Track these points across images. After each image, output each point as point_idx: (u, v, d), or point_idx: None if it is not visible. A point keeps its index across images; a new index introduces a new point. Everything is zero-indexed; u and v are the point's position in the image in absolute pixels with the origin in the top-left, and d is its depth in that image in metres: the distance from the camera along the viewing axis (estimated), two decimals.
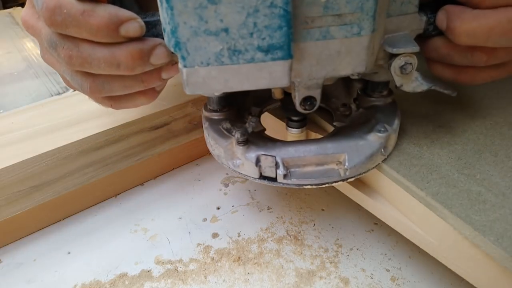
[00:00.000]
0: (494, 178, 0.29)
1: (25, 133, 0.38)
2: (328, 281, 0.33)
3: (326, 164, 0.30)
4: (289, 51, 0.24)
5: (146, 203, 0.41)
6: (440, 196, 0.28)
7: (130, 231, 0.38)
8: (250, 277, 0.33)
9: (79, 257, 0.36)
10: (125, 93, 0.28)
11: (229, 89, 0.26)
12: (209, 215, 0.39)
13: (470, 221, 0.26)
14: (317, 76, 0.27)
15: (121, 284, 0.33)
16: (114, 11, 0.24)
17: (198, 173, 0.45)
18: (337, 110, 0.36)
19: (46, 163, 0.35)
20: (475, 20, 0.26)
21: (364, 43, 0.26)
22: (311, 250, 0.35)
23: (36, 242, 0.37)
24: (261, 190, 0.42)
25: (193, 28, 0.23)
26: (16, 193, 0.35)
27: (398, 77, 0.29)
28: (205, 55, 0.24)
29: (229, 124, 0.32)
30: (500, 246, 0.24)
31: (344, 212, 0.39)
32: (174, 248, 0.36)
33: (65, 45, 0.25)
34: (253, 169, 0.30)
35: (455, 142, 0.33)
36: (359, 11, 0.24)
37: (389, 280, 0.33)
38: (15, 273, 0.34)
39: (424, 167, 0.30)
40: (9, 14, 0.91)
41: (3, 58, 0.67)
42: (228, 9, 0.23)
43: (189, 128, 0.44)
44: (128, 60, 0.25)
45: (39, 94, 0.54)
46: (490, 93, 0.40)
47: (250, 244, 0.36)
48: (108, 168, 0.39)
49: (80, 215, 0.40)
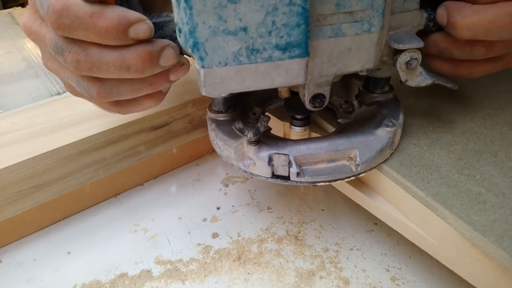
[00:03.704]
0: (494, 178, 0.29)
1: (25, 133, 0.38)
2: (328, 281, 0.33)
3: (337, 160, 0.31)
4: (306, 48, 0.24)
5: (146, 203, 0.41)
6: (440, 196, 0.28)
7: (130, 231, 0.38)
8: (250, 277, 0.33)
9: (79, 257, 0.36)
10: (133, 97, 0.28)
11: (246, 89, 0.26)
12: (209, 215, 0.39)
13: (470, 221, 0.26)
14: (328, 73, 0.27)
15: (121, 284, 0.33)
16: (122, 13, 0.23)
17: (198, 173, 0.45)
18: (340, 107, 0.36)
19: (46, 163, 0.35)
20: (475, 15, 0.27)
21: (374, 40, 0.26)
22: (311, 250, 0.35)
23: (36, 242, 0.37)
24: (261, 190, 0.42)
25: (212, 28, 0.23)
26: (16, 193, 0.35)
27: (403, 72, 0.29)
28: (223, 55, 0.24)
29: (242, 124, 0.32)
30: (500, 246, 0.24)
31: (344, 212, 0.39)
32: (174, 248, 0.36)
33: (72, 49, 0.24)
34: (265, 169, 0.30)
35: (455, 142, 0.33)
36: (369, 8, 0.25)
37: (389, 280, 0.33)
38: (15, 273, 0.34)
39: (424, 167, 0.30)
40: (9, 14, 0.91)
41: (3, 58, 0.67)
42: (247, 8, 0.23)
43: (189, 128, 0.44)
44: (138, 62, 0.24)
45: (39, 94, 0.54)
46: (490, 93, 0.40)
47: (250, 244, 0.36)
48: (108, 168, 0.39)
49: (80, 215, 0.40)
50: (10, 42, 0.74)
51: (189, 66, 0.27)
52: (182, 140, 0.43)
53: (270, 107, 0.39)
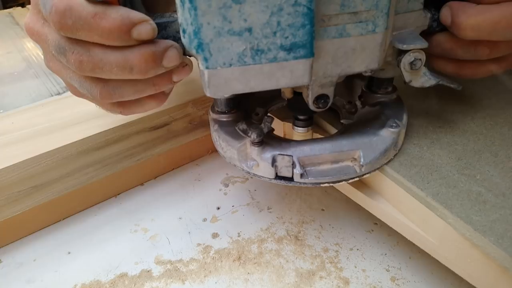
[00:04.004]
0: (494, 178, 0.29)
1: (25, 133, 0.38)
2: (328, 281, 0.33)
3: (341, 161, 0.30)
4: (311, 49, 0.24)
5: (146, 203, 0.41)
6: (440, 196, 0.28)
7: (130, 231, 0.38)
8: (250, 277, 0.33)
9: (79, 257, 0.36)
10: (136, 98, 0.27)
11: (250, 90, 0.26)
12: (209, 215, 0.39)
13: (470, 222, 0.26)
14: (332, 74, 0.27)
15: (121, 284, 0.33)
16: (126, 13, 0.23)
17: (198, 173, 0.45)
18: (343, 107, 0.36)
19: (46, 163, 0.35)
20: (480, 15, 0.27)
21: (378, 40, 0.26)
22: (311, 250, 0.35)
23: (36, 242, 0.37)
24: (261, 190, 0.42)
25: (216, 29, 0.23)
26: (16, 193, 0.35)
27: (407, 73, 0.29)
28: (228, 55, 0.24)
29: (245, 125, 0.32)
30: (500, 247, 0.24)
31: (344, 212, 0.39)
32: (174, 248, 0.36)
33: (75, 50, 0.24)
34: (269, 170, 0.30)
35: (455, 142, 0.33)
36: (374, 8, 0.25)
37: (389, 280, 0.33)
38: (15, 273, 0.34)
39: (424, 167, 0.30)
40: (9, 14, 0.91)
41: (3, 58, 0.67)
42: (252, 8, 0.23)
43: (189, 128, 0.44)
44: (141, 63, 0.24)
45: (39, 94, 0.54)
46: (490, 93, 0.40)
47: (250, 244, 0.36)
48: (108, 168, 0.39)
49: (80, 215, 0.40)
50: (10, 42, 0.74)
51: (192, 67, 0.27)
52: (182, 140, 0.43)
53: (273, 108, 0.39)
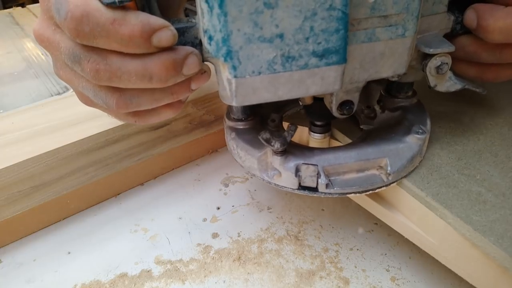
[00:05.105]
0: (494, 178, 0.29)
1: (25, 133, 0.38)
2: (328, 281, 0.33)
3: (367, 170, 0.29)
4: (344, 55, 0.23)
5: (146, 203, 0.41)
6: (440, 196, 0.28)
7: (130, 231, 0.38)
8: (250, 277, 0.33)
9: (79, 257, 0.36)
10: (153, 107, 0.26)
11: (278, 98, 0.25)
12: (209, 215, 0.39)
13: (470, 222, 0.26)
14: (359, 80, 0.26)
15: (121, 284, 0.33)
16: (146, 19, 0.22)
17: (198, 173, 0.45)
18: (361, 113, 0.35)
19: (46, 163, 0.35)
20: (509, 17, 0.26)
21: (407, 44, 0.25)
22: (311, 250, 0.35)
23: (36, 242, 0.37)
24: (261, 190, 0.42)
25: (247, 35, 0.22)
26: (16, 193, 0.35)
27: (432, 77, 0.28)
28: (257, 63, 0.23)
29: (269, 134, 0.30)
30: (500, 247, 0.24)
31: (344, 212, 0.39)
32: (174, 248, 0.36)
33: (91, 58, 0.23)
34: (292, 180, 0.28)
35: (455, 142, 0.33)
36: (405, 11, 0.24)
37: (389, 280, 0.33)
38: (15, 273, 0.34)
39: (424, 167, 0.30)
40: (9, 14, 0.91)
41: (3, 58, 0.67)
42: (285, 13, 0.22)
43: (189, 128, 0.44)
44: (161, 71, 0.23)
45: (39, 94, 0.54)
46: (490, 93, 0.40)
47: (250, 244, 0.36)
48: (108, 168, 0.39)
49: (80, 215, 0.40)
50: (10, 42, 0.74)
51: (210, 74, 0.26)
52: (182, 140, 0.43)
53: (287, 113, 0.37)
